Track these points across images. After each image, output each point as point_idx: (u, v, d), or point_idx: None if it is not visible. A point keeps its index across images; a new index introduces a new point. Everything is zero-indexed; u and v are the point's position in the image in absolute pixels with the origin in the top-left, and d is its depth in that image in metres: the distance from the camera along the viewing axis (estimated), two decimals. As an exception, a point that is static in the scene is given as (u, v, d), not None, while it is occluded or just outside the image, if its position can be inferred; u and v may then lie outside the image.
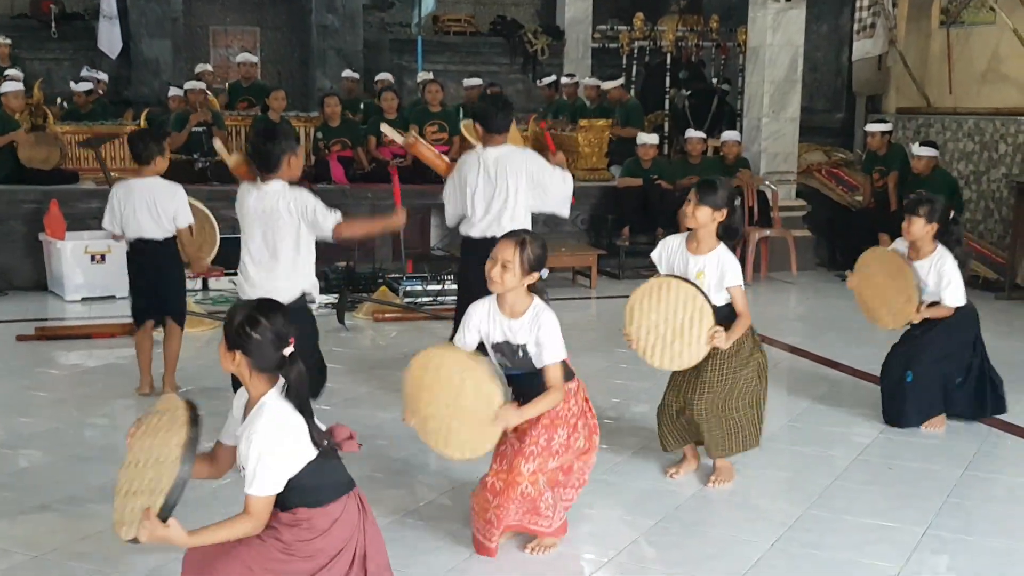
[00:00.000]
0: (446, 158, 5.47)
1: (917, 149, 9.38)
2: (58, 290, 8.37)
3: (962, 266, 5.19)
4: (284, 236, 4.22)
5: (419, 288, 8.26)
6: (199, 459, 2.89)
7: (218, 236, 6.95)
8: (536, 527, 3.70)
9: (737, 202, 4.41)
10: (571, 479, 3.79)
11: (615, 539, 3.93)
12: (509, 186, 5.05)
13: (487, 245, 5.09)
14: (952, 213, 5.29)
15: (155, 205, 5.47)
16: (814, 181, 10.93)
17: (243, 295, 4.36)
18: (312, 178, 9.63)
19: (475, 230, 5.16)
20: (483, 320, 3.68)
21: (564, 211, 5.37)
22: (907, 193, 9.40)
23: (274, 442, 2.77)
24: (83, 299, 8.20)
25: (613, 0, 14.65)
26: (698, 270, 4.30)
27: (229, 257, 7.99)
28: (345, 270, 8.46)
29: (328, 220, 4.19)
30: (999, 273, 9.08)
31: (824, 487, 4.49)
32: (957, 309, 5.15)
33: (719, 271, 4.27)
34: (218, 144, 4.73)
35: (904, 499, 4.47)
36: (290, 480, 2.80)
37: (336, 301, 7.60)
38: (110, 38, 11.60)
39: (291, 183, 4.32)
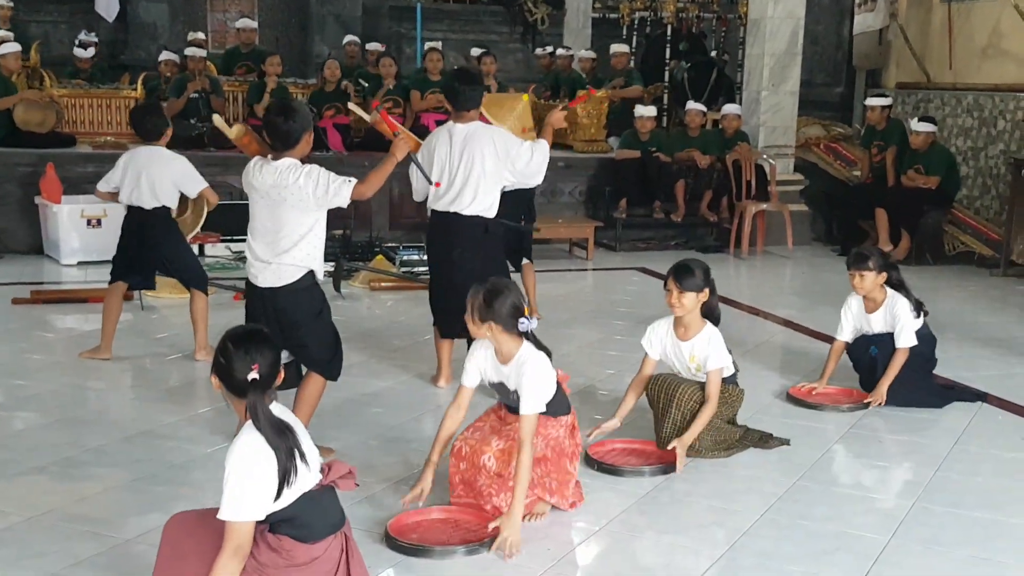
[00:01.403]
0: (414, 136, 5.37)
1: (916, 124, 9.37)
2: (54, 254, 8.38)
3: (918, 310, 5.24)
4: (291, 213, 4.13)
5: (415, 257, 8.27)
6: None
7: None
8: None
9: (712, 276, 4.52)
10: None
11: (607, 507, 3.97)
12: (475, 162, 5.04)
13: (449, 219, 5.12)
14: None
15: (152, 175, 5.59)
16: (812, 155, 10.93)
17: (249, 274, 4.29)
18: (309, 145, 9.59)
19: (440, 203, 5.15)
20: (481, 362, 3.83)
21: (534, 182, 5.38)
22: (905, 168, 9.43)
23: (242, 469, 2.74)
24: (79, 263, 8.21)
25: (614, -30, 14.53)
26: (690, 355, 4.49)
27: (224, 223, 8.02)
28: (342, 238, 8.46)
29: (344, 190, 4.12)
30: (995, 250, 9.10)
31: (814, 459, 4.53)
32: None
33: (705, 353, 4.44)
34: (217, 119, 4.66)
35: (893, 472, 4.52)
36: (281, 512, 2.80)
37: (332, 269, 7.61)
38: (107, 1, 11.51)
39: (302, 160, 4.26)
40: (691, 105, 10.27)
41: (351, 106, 5.95)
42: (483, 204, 5.11)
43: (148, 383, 5.48)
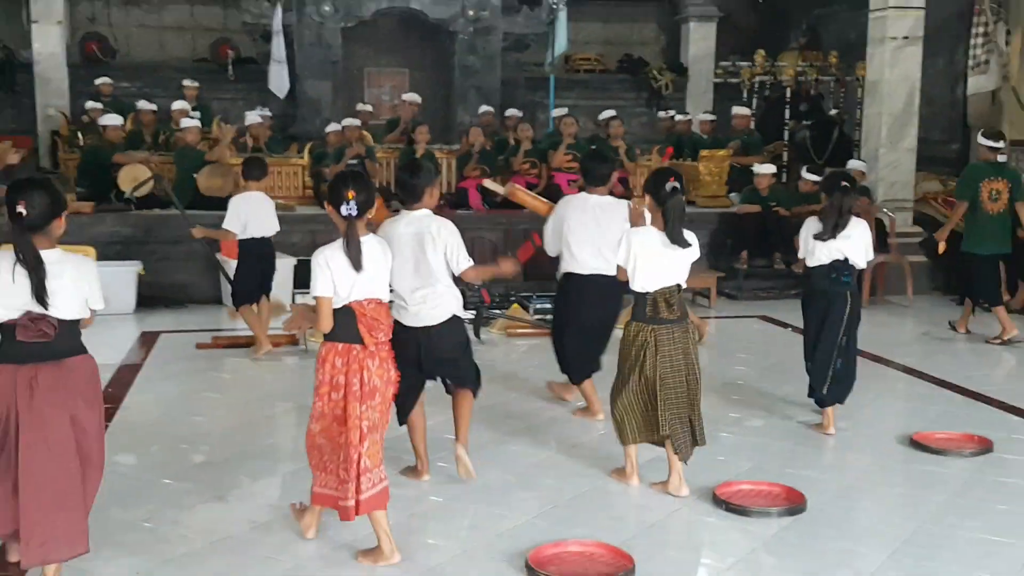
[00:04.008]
0: (546, 200, 5.72)
1: (1030, 179, 8.91)
2: (231, 304, 8.72)
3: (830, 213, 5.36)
4: (437, 258, 4.31)
5: (548, 306, 8.30)
6: None
7: None
8: None
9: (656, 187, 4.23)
10: None
11: (734, 547, 3.87)
12: (609, 231, 5.17)
13: (593, 281, 5.32)
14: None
15: (264, 211, 6.79)
16: (930, 209, 10.53)
17: (407, 317, 4.38)
18: (453, 204, 9.81)
19: (584, 268, 5.34)
20: None
21: None
22: (1021, 222, 8.96)
23: None
24: (252, 312, 8.53)
25: (735, 37, 14.44)
26: None
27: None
28: (480, 289, 8.58)
29: (463, 262, 4.35)
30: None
31: (939, 503, 4.32)
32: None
33: None
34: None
35: (1018, 516, 4.25)
36: None
37: (473, 317, 7.73)
38: (279, 80, 12.00)
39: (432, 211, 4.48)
40: (806, 175, 10.00)
41: (486, 183, 6.62)
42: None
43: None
